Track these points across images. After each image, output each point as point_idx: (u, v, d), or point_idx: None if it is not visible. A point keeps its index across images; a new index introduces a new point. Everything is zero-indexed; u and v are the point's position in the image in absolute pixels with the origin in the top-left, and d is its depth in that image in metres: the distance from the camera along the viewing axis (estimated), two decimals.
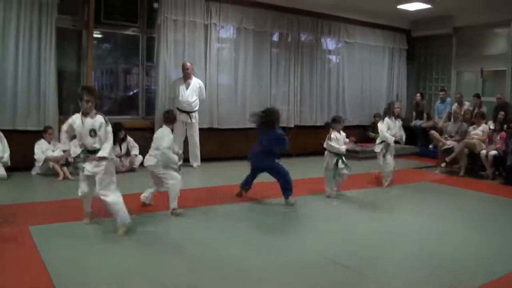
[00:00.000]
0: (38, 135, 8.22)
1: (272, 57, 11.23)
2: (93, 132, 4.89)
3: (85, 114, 4.95)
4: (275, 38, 11.41)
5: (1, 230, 4.86)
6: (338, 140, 7.02)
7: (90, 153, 4.93)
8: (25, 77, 8.35)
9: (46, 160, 7.97)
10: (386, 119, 8.26)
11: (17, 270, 3.95)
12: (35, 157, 8.10)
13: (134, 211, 5.56)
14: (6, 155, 7.78)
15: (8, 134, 8.04)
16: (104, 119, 4.95)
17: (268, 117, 6.79)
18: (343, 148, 6.99)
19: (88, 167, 4.94)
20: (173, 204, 5.87)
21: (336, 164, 6.99)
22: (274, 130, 6.75)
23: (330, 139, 7.02)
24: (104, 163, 4.84)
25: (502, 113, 9.89)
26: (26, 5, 8.27)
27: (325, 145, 7.10)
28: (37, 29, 8.40)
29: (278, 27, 11.23)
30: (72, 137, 5.15)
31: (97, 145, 4.92)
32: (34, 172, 8.19)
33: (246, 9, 10.59)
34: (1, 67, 8.17)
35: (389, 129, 8.13)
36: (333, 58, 12.60)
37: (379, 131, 8.25)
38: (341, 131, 7.15)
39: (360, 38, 12.71)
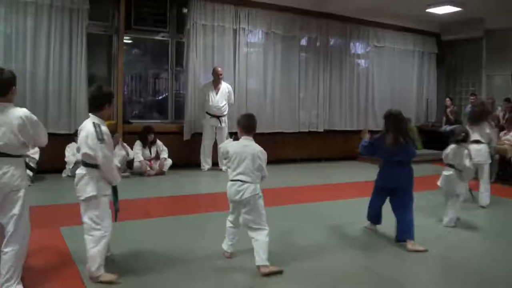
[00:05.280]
0: (69, 138, 8.33)
1: (300, 61, 11.20)
2: None
3: None
4: (304, 42, 11.37)
5: (32, 231, 4.90)
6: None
7: None
8: (56, 82, 8.52)
9: (77, 163, 8.04)
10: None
11: (49, 271, 3.98)
12: (66, 159, 8.23)
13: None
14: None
15: None
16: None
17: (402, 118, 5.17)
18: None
19: None
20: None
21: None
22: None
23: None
24: None
25: None
26: (57, 11, 8.44)
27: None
28: (68, 35, 8.57)
29: (306, 31, 11.20)
30: None
31: None
32: (64, 174, 8.31)
33: (274, 13, 10.58)
34: (33, 72, 8.34)
35: None
36: (362, 62, 12.50)
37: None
38: None
39: (389, 42, 12.58)
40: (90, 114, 3.93)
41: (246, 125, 4.29)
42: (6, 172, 3.44)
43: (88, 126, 3.81)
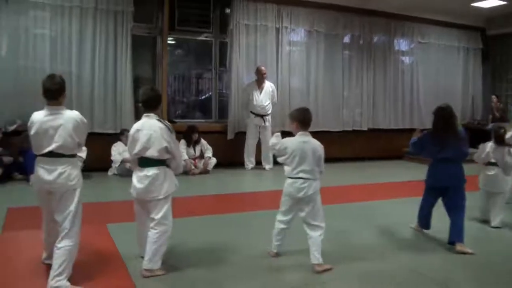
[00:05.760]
0: (115, 137, 8.50)
1: (343, 59, 11.09)
2: None
3: None
4: (347, 40, 11.26)
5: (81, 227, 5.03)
6: None
7: None
8: (102, 83, 8.73)
9: (123, 162, 8.20)
10: None
11: (97, 266, 4.06)
12: (112, 158, 8.40)
13: None
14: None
15: (87, 136, 8.32)
16: None
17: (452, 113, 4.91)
18: None
19: None
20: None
21: None
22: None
23: None
24: None
25: None
26: (102, 14, 8.65)
27: None
28: (113, 37, 8.77)
29: (349, 29, 11.08)
30: None
31: None
32: (110, 173, 8.49)
33: (317, 11, 10.52)
34: (79, 74, 8.57)
35: None
36: (406, 59, 12.27)
37: None
38: None
39: (433, 38, 12.29)
40: (146, 114, 3.99)
41: (302, 119, 4.19)
42: (62, 172, 3.61)
43: (154, 124, 3.89)
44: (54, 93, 3.64)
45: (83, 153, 7.97)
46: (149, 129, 3.88)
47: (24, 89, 7.84)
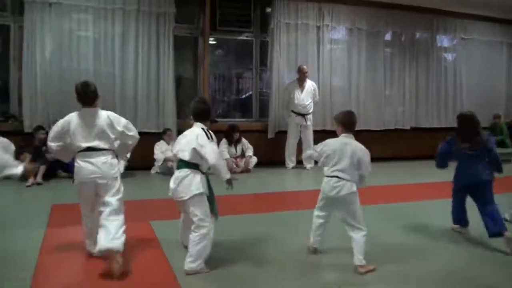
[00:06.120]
0: (157, 136, 8.64)
1: (385, 57, 10.97)
2: None
3: None
4: (388, 37, 11.14)
5: (125, 224, 5.13)
6: None
7: None
8: (145, 83, 8.94)
9: (166, 160, 8.32)
10: None
11: (141, 263, 4.13)
12: (155, 157, 8.55)
13: None
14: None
15: None
16: None
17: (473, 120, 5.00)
18: None
19: None
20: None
21: None
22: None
23: None
24: None
25: None
26: (144, 16, 8.86)
27: None
28: (155, 38, 8.97)
29: (391, 26, 10.96)
30: None
31: None
32: (153, 171, 8.64)
33: (358, 8, 10.45)
34: (122, 75, 8.81)
35: None
36: (448, 56, 12.03)
37: None
38: None
39: (476, 33, 11.97)
40: (196, 123, 4.14)
41: (346, 122, 4.21)
42: (105, 162, 4.07)
43: (196, 130, 4.05)
44: (92, 100, 4.15)
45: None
46: (190, 134, 4.05)
47: (68, 90, 8.02)
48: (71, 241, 4.59)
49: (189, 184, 3.94)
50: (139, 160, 8.29)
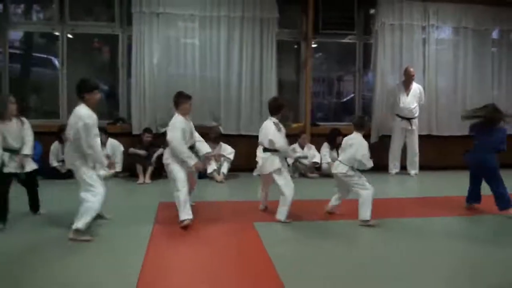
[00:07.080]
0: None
1: (493, 56, 10.44)
2: None
3: None
4: (495, 35, 10.58)
5: (229, 224, 5.49)
6: None
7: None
8: (248, 88, 9.15)
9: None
10: None
11: (245, 265, 4.23)
12: (258, 159, 8.60)
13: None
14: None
15: (233, 138, 8.99)
16: None
17: (491, 114, 6.30)
18: None
19: None
20: (365, 215, 5.58)
21: None
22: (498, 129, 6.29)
23: None
24: None
25: None
26: (248, 22, 9.08)
27: None
28: (259, 44, 9.15)
29: (499, 23, 10.39)
30: None
31: None
32: (255, 173, 8.70)
33: (465, 6, 10.00)
34: (227, 80, 9.08)
35: None
36: None
37: None
38: None
39: None
40: (269, 117, 5.94)
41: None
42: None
43: (268, 124, 5.86)
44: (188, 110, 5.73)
45: (230, 155, 8.53)
46: (265, 127, 5.87)
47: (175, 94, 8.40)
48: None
49: (272, 162, 5.70)
50: (243, 162, 8.48)
